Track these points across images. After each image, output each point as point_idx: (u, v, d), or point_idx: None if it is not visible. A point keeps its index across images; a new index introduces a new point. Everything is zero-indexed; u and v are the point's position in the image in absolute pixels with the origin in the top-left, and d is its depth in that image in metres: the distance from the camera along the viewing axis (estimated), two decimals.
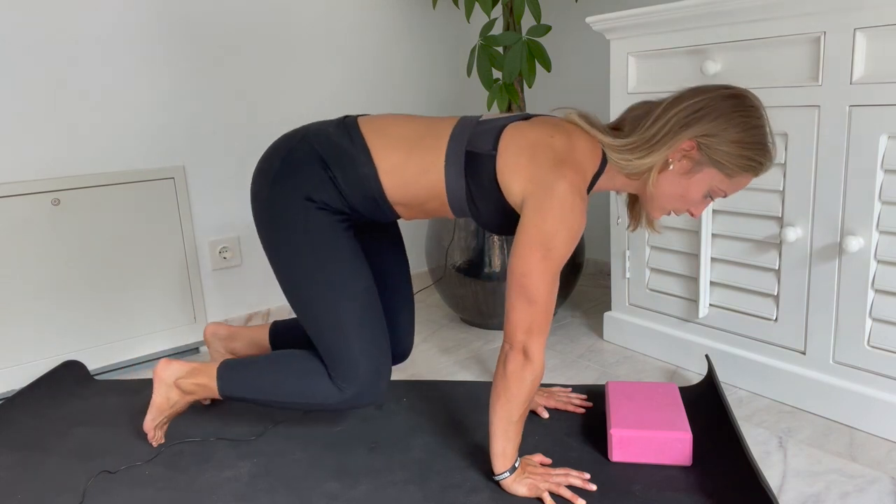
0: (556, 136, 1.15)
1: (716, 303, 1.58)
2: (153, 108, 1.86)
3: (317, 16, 2.11)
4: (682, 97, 1.13)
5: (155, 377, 1.34)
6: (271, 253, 1.25)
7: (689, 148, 1.11)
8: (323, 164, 1.20)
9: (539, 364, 1.11)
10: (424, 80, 2.42)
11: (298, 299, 1.24)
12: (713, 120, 1.09)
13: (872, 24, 1.21)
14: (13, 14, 1.63)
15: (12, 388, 1.70)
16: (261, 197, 1.25)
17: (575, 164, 1.13)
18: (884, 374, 1.31)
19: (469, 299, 1.94)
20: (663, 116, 1.12)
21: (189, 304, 1.94)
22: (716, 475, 1.18)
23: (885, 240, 1.27)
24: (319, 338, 1.23)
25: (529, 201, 1.11)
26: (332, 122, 1.26)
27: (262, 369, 1.28)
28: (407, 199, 1.22)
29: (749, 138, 1.10)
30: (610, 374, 1.67)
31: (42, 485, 1.26)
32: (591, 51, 2.35)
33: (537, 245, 1.09)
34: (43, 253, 1.70)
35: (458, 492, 1.17)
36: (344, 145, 1.21)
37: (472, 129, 1.20)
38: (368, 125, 1.24)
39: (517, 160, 1.14)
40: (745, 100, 1.11)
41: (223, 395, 1.30)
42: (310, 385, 1.24)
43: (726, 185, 1.16)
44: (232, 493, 1.20)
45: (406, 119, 1.26)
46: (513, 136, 1.16)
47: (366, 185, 1.20)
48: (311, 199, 1.20)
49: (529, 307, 1.10)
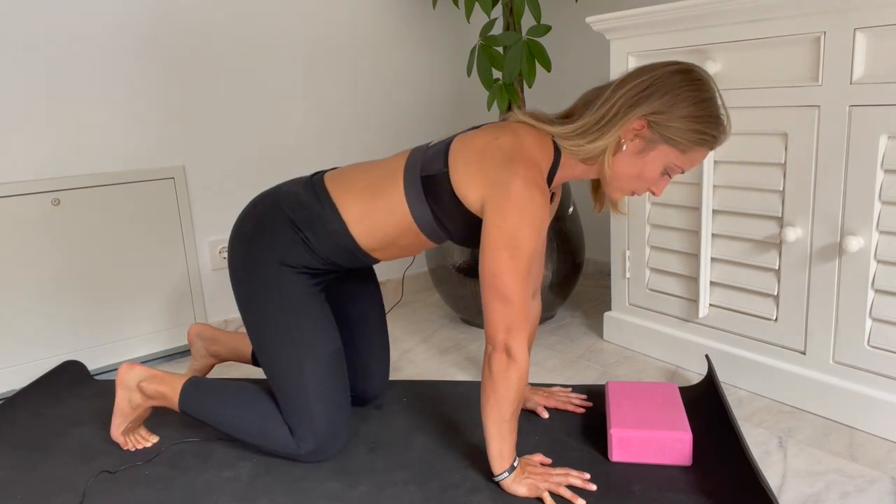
0: (501, 136, 1.17)
1: (716, 303, 1.58)
2: (153, 108, 1.86)
3: (316, 16, 2.11)
4: (630, 77, 1.14)
5: (117, 380, 1.35)
6: (244, 312, 1.29)
7: (640, 127, 1.12)
8: (294, 226, 1.25)
9: (523, 361, 1.12)
10: (424, 80, 2.42)
11: (265, 356, 1.27)
12: (661, 97, 1.10)
13: (872, 24, 1.21)
14: (13, 14, 1.63)
15: (12, 388, 1.70)
16: (236, 259, 1.29)
17: (525, 158, 1.14)
18: (884, 374, 1.31)
19: (469, 299, 1.94)
20: (611, 98, 1.13)
21: (189, 305, 1.94)
22: (716, 475, 1.18)
23: (885, 240, 1.27)
24: (282, 395, 1.26)
25: (488, 204, 1.13)
26: (301, 183, 1.30)
27: (226, 400, 1.30)
28: (379, 242, 1.26)
29: (699, 112, 1.10)
30: (610, 374, 1.67)
31: (42, 485, 1.26)
32: (591, 51, 2.35)
33: (502, 245, 1.10)
34: (43, 253, 1.70)
35: (458, 492, 1.17)
36: (312, 206, 1.25)
37: (423, 156, 1.23)
38: (333, 181, 1.28)
39: (467, 169, 1.16)
40: (692, 74, 1.11)
41: (182, 410, 1.33)
42: (270, 431, 1.27)
43: (682, 161, 1.16)
44: (232, 493, 1.20)
45: (365, 166, 1.29)
46: (459, 148, 1.19)
47: (337, 239, 1.24)
48: (285, 263, 1.25)
49: (505, 306, 1.10)
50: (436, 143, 1.26)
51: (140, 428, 1.40)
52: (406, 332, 2.05)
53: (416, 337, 2.00)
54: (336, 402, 1.27)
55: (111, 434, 1.37)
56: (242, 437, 1.30)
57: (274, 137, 2.08)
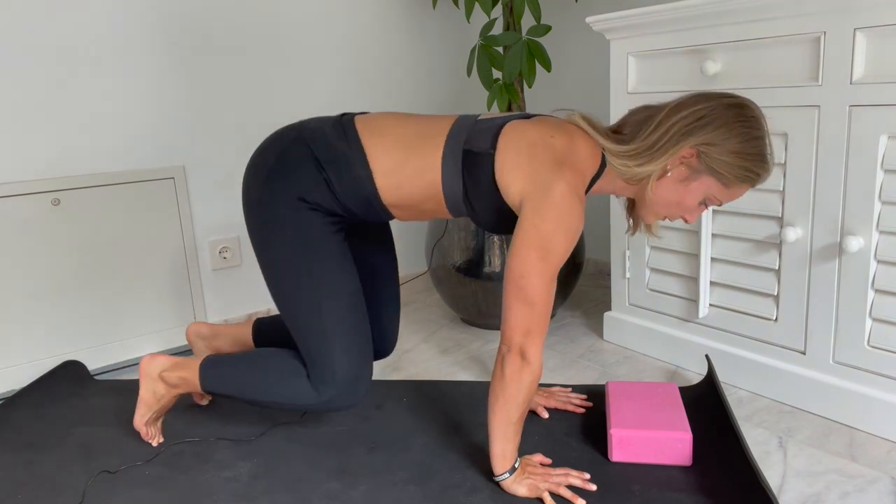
0: (557, 136, 1.15)
1: (716, 303, 1.58)
2: (153, 108, 1.86)
3: (316, 16, 2.11)
4: (685, 104, 1.11)
5: (140, 372, 1.35)
6: (259, 249, 1.25)
7: (689, 155, 1.11)
8: (318, 164, 1.20)
9: (537, 366, 1.11)
10: (424, 80, 2.42)
11: (283, 298, 1.24)
12: (715, 129, 1.08)
13: (872, 24, 1.21)
14: (13, 14, 1.63)
15: (12, 388, 1.70)
16: (252, 193, 1.24)
17: (574, 165, 1.12)
18: (884, 374, 1.31)
19: (469, 299, 1.94)
20: (665, 123, 1.10)
21: (189, 305, 1.94)
22: (716, 475, 1.18)
23: (885, 240, 1.27)
24: (301, 338, 1.22)
25: (528, 202, 1.11)
26: (329, 121, 1.25)
27: (243, 368, 1.28)
28: (402, 201, 1.22)
29: (749, 149, 1.09)
30: (610, 374, 1.67)
31: (42, 485, 1.26)
32: (591, 51, 2.35)
33: (536, 246, 1.08)
34: (43, 253, 1.70)
35: (458, 492, 1.17)
36: (340, 147, 1.20)
37: (470, 127, 1.19)
38: (365, 125, 1.22)
39: (516, 159, 1.13)
40: (747, 110, 1.10)
41: (205, 389, 1.31)
42: (288, 385, 1.23)
43: (722, 194, 1.15)
44: (232, 493, 1.20)
45: (403, 118, 1.25)
46: (512, 134, 1.16)
47: (360, 187, 1.20)
48: (303, 199, 1.20)
49: (528, 309, 1.09)
50: (486, 118, 1.21)
51: (160, 421, 1.40)
52: (406, 331, 2.05)
53: (416, 337, 2.00)
54: (357, 345, 1.22)
55: (134, 423, 1.36)
56: (266, 398, 1.26)
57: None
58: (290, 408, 1.26)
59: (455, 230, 1.91)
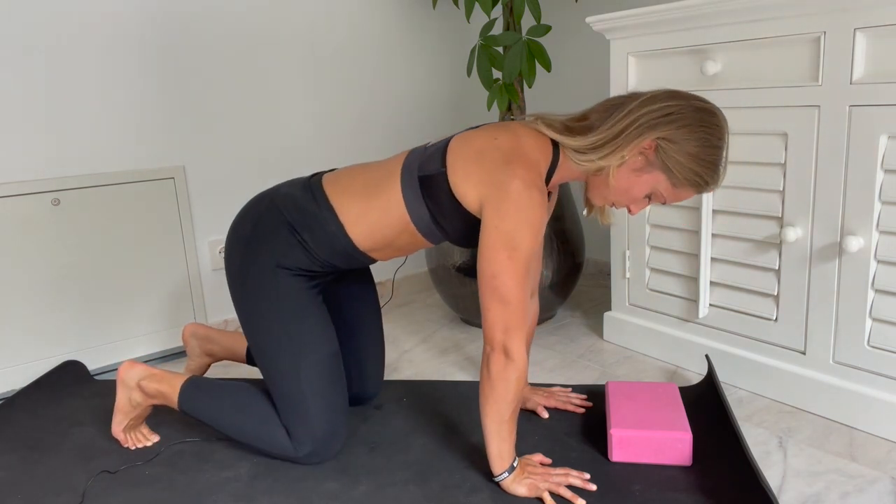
0: (500, 136, 1.17)
1: (716, 303, 1.58)
2: (153, 108, 1.86)
3: (316, 16, 2.11)
4: (657, 97, 1.12)
5: (118, 379, 1.36)
6: (241, 313, 1.30)
7: (648, 147, 1.12)
8: (291, 229, 1.25)
9: (521, 362, 1.12)
10: (424, 80, 2.42)
11: (263, 359, 1.27)
12: (678, 128, 1.10)
13: (872, 24, 1.21)
14: (13, 14, 1.63)
15: (12, 388, 1.70)
16: (233, 261, 1.29)
17: (524, 159, 1.14)
18: (884, 374, 1.31)
19: (469, 299, 1.94)
20: (635, 112, 1.11)
21: (189, 305, 1.94)
22: (716, 475, 1.18)
23: (885, 240, 1.27)
24: (280, 399, 1.26)
25: (487, 204, 1.13)
26: (299, 185, 1.30)
27: (225, 405, 1.31)
28: (378, 244, 1.26)
29: (705, 155, 1.11)
30: (610, 374, 1.67)
31: (42, 485, 1.26)
32: (591, 51, 2.35)
33: (501, 245, 1.10)
34: (43, 253, 1.70)
35: (458, 492, 1.17)
36: (310, 209, 1.25)
37: (420, 155, 1.23)
38: (331, 184, 1.28)
39: (466, 168, 1.16)
40: (714, 118, 1.11)
41: (181, 409, 1.33)
42: (268, 435, 1.27)
43: (669, 193, 1.16)
44: (232, 493, 1.20)
45: (362, 168, 1.29)
46: (458, 148, 1.19)
47: (336, 241, 1.25)
48: (281, 265, 1.25)
49: (503, 307, 1.11)
50: (434, 143, 1.26)
51: (142, 426, 1.40)
52: (406, 332, 2.05)
53: (415, 337, 2.00)
54: (333, 405, 1.27)
55: (112, 431, 1.37)
56: (240, 439, 1.30)
57: (274, 138, 2.08)
58: (266, 454, 1.30)
59: None
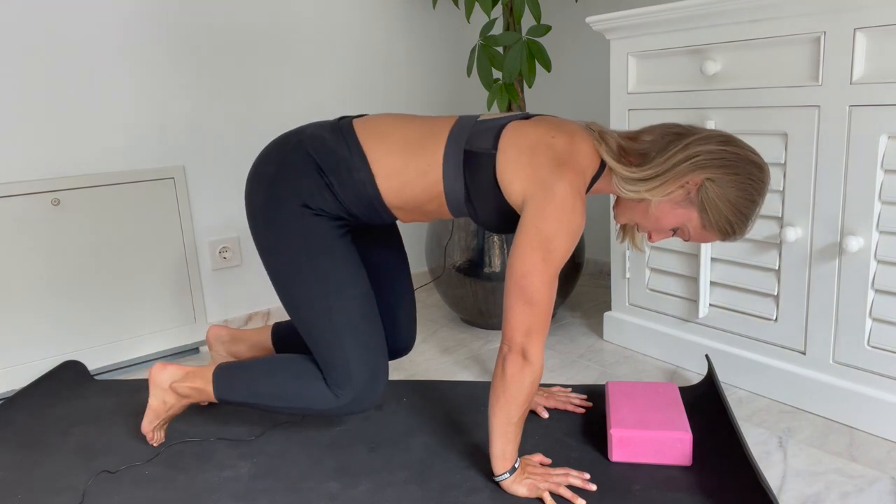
0: (558, 136, 1.15)
1: (716, 303, 1.58)
2: (153, 108, 1.86)
3: (316, 16, 2.11)
4: (713, 138, 1.10)
5: (150, 381, 1.34)
6: (266, 258, 1.24)
7: (694, 184, 1.09)
8: (319, 170, 1.19)
9: (538, 366, 1.11)
10: (424, 80, 2.42)
11: (294, 305, 1.23)
12: (728, 173, 1.07)
13: (872, 24, 1.21)
14: (13, 14, 1.63)
15: (12, 388, 1.70)
16: (256, 202, 1.24)
17: (575, 165, 1.12)
18: (884, 374, 1.31)
19: (469, 299, 1.94)
20: (693, 147, 1.08)
21: (189, 305, 1.94)
22: (716, 475, 1.18)
23: (885, 240, 1.27)
24: (315, 344, 1.22)
25: (530, 202, 1.11)
26: (328, 126, 1.24)
27: (258, 373, 1.27)
28: (404, 203, 1.21)
29: (742, 206, 1.09)
30: (610, 374, 1.67)
31: (42, 485, 1.26)
32: (591, 51, 2.35)
33: (538, 246, 1.08)
34: (43, 253, 1.70)
35: (458, 492, 1.17)
36: (340, 151, 1.19)
37: (471, 128, 1.19)
38: (364, 128, 1.22)
39: (518, 159, 1.13)
40: (761, 173, 1.09)
41: (219, 398, 1.30)
42: (306, 390, 1.22)
43: (696, 232, 1.14)
44: (232, 493, 1.20)
45: (402, 119, 1.24)
46: (513, 135, 1.15)
47: (363, 190, 1.20)
48: (307, 205, 1.19)
49: (529, 309, 1.09)
50: (486, 119, 1.21)
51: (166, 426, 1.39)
52: None
53: (417, 337, 2.00)
54: (370, 345, 1.22)
55: (142, 428, 1.35)
56: (282, 405, 1.25)
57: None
58: (309, 413, 1.24)
59: (455, 230, 1.91)
